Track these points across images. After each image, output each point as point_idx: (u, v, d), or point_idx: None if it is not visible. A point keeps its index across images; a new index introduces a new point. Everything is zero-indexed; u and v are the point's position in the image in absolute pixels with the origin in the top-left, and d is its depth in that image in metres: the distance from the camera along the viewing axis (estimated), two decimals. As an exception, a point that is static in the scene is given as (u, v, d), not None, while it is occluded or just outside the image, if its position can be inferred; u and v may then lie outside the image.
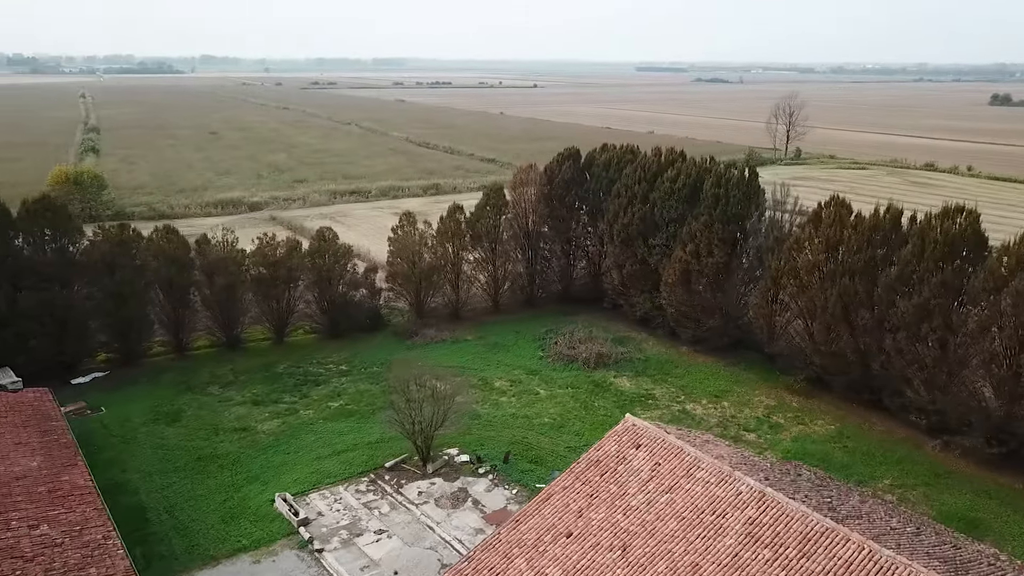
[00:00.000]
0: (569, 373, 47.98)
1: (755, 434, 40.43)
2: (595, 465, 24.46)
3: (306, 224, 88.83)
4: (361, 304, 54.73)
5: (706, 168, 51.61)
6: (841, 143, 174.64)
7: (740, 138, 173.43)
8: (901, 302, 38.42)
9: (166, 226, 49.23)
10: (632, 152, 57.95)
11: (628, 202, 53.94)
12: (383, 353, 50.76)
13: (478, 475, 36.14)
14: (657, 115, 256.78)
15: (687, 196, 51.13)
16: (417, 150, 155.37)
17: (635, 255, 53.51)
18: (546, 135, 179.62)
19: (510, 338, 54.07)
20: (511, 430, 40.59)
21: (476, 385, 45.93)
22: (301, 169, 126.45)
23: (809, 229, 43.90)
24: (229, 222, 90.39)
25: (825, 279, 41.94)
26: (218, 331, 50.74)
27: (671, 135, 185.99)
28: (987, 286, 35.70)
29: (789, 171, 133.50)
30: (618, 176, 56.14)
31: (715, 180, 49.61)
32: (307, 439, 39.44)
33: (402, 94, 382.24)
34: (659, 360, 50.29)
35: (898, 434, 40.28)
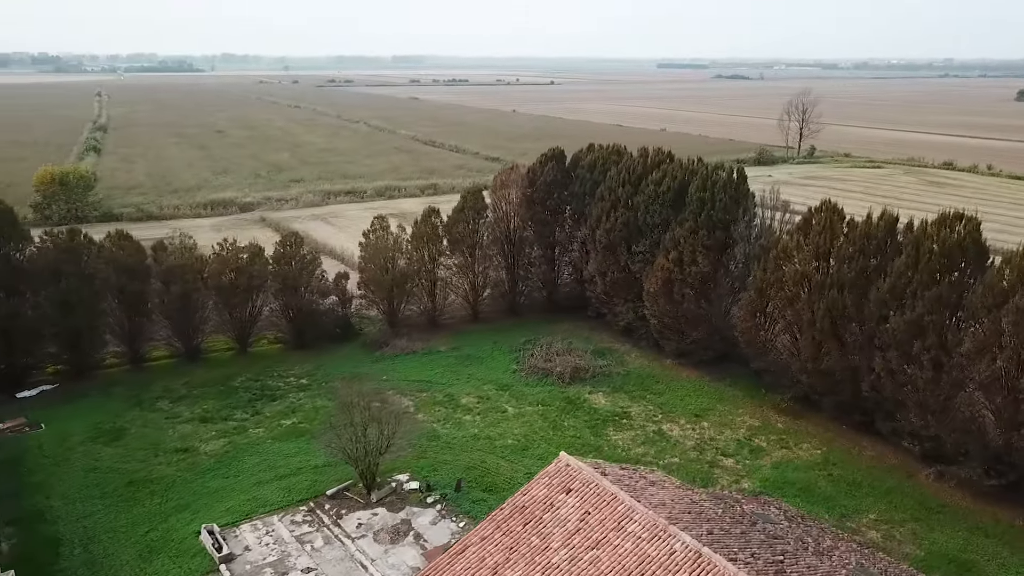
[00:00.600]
0: (542, 388, 45.08)
1: (733, 459, 37.31)
2: (519, 512, 21.60)
3: (295, 225, 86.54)
4: (331, 312, 52.18)
5: (692, 170, 48.46)
6: (858, 141, 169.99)
7: (754, 136, 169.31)
8: (893, 318, 35.17)
9: (119, 231, 46.88)
10: (618, 153, 54.88)
11: (611, 206, 50.91)
12: (348, 366, 48.12)
13: (426, 505, 33.37)
14: (672, 112, 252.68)
15: (672, 200, 48.02)
16: (422, 149, 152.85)
17: (618, 262, 50.50)
18: (555, 133, 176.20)
19: (486, 349, 51.25)
20: (470, 453, 37.78)
21: (440, 402, 43.20)
22: (301, 169, 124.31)
23: (797, 237, 40.69)
24: (217, 223, 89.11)
25: (813, 291, 38.75)
26: (176, 341, 48.35)
27: (683, 133, 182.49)
28: (986, 302, 32.39)
29: (801, 170, 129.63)
30: (603, 178, 53.14)
31: (700, 183, 46.48)
32: (250, 462, 36.86)
33: (417, 91, 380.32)
34: (640, 374, 47.25)
35: (889, 461, 37.00)
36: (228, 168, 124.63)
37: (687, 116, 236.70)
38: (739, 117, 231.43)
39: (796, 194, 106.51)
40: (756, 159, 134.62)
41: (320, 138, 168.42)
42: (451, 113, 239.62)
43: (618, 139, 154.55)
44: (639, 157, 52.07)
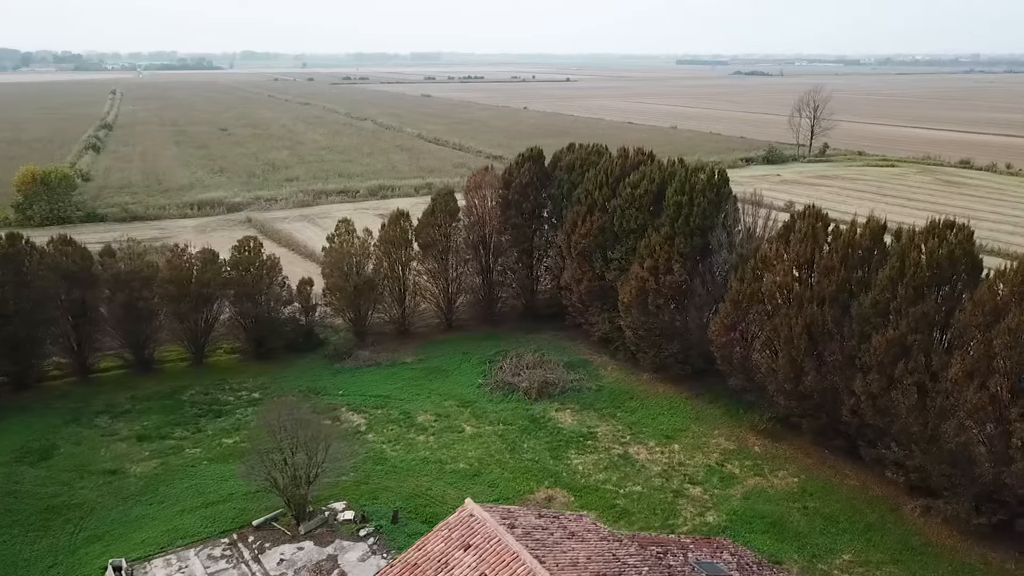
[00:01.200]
0: (507, 405, 42.25)
1: (701, 487, 34.30)
2: (409, 571, 18.81)
3: (280, 226, 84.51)
4: (292, 321, 49.64)
5: (671, 172, 45.37)
6: (874, 138, 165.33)
7: (767, 133, 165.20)
8: (875, 336, 32.00)
9: (62, 236, 44.53)
10: (598, 153, 51.85)
11: (588, 210, 47.94)
12: (305, 379, 45.56)
13: (358, 538, 30.67)
14: (685, 109, 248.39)
15: (649, 204, 44.98)
16: (425, 147, 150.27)
17: (593, 270, 47.54)
18: (562, 131, 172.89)
19: (455, 361, 48.48)
20: (417, 478, 35.04)
21: (395, 420, 40.49)
22: (297, 167, 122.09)
23: (777, 245, 37.53)
24: (203, 224, 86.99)
25: (792, 305, 35.61)
26: (126, 352, 46.00)
27: (694, 130, 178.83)
28: (975, 321, 29.15)
29: (812, 169, 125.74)
30: (581, 180, 50.18)
31: (678, 186, 43.40)
32: (180, 486, 34.35)
33: (431, 89, 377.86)
34: (613, 390, 44.27)
35: (872, 491, 33.83)
36: (225, 167, 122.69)
37: (701, 113, 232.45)
38: (754, 114, 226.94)
39: (804, 194, 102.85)
40: (765, 157, 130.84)
41: (323, 136, 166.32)
42: (461, 110, 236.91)
43: (626, 136, 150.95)
44: (617, 158, 49.05)
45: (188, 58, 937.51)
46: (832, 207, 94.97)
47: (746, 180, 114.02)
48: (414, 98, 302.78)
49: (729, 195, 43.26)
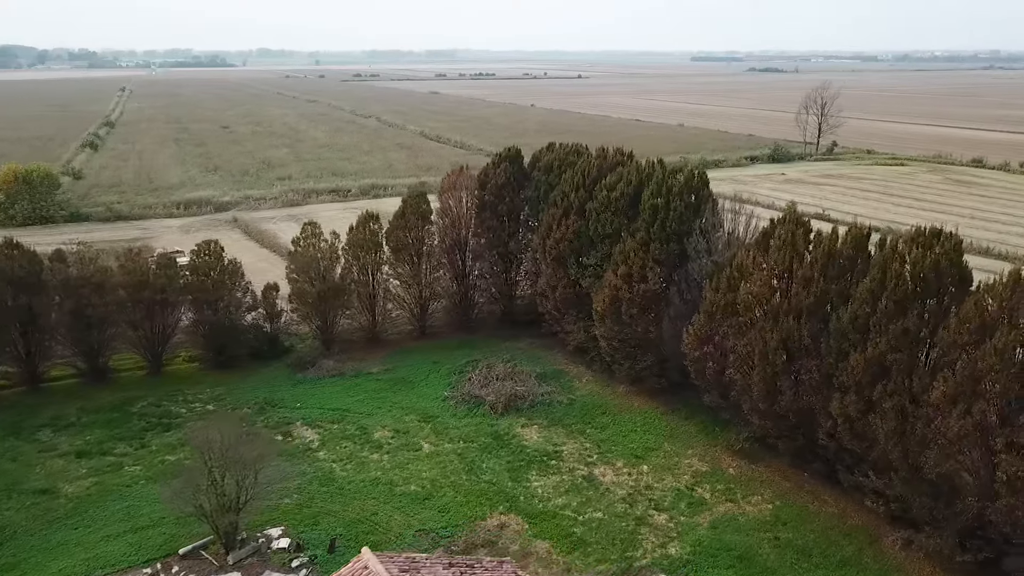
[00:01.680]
0: (471, 420, 39.99)
1: (667, 515, 31.90)
2: (288, 633, 16.57)
3: (267, 226, 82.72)
4: (255, 329, 47.61)
5: (648, 173, 42.91)
6: (885, 136, 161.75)
7: (775, 131, 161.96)
8: (853, 354, 29.48)
9: (8, 240, 42.59)
10: (577, 153, 49.44)
11: (563, 213, 45.58)
12: (264, 390, 43.48)
13: (289, 569, 28.52)
14: (695, 107, 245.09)
15: (625, 208, 42.54)
16: (426, 144, 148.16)
17: (568, 276, 45.17)
18: (565, 128, 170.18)
19: (423, 371, 46.25)
20: (364, 501, 32.84)
21: (350, 436, 38.30)
22: (292, 165, 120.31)
23: (754, 253, 35.02)
24: (187, 224, 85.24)
25: (768, 318, 33.12)
26: (79, 360, 44.10)
27: (702, 128, 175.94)
28: (959, 340, 26.59)
29: (818, 167, 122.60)
30: (558, 181, 47.81)
31: (654, 188, 40.94)
32: (112, 507, 32.31)
33: (441, 86, 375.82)
34: (586, 403, 41.90)
35: (851, 520, 31.32)
36: (220, 165, 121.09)
37: (710, 110, 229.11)
38: (764, 111, 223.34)
39: (808, 194, 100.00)
40: (771, 156, 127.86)
41: (324, 134, 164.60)
42: (466, 108, 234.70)
43: (632, 134, 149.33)
44: (595, 158, 46.63)
45: (202, 56, 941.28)
46: (834, 207, 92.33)
47: (749, 179, 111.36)
48: (422, 95, 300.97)
49: (708, 198, 40.71)
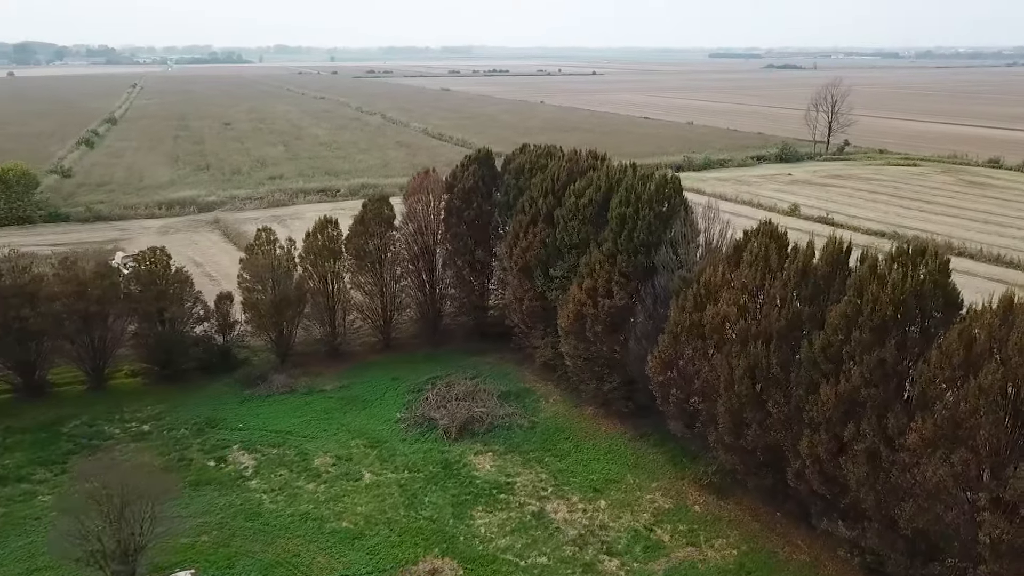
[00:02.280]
0: (421, 446, 37.02)
1: (619, 560, 28.79)
2: None
3: (248, 228, 79.45)
4: (206, 341, 44.90)
5: (617, 179, 39.69)
6: (899, 135, 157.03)
7: (787, 129, 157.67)
8: (824, 387, 26.23)
9: (-66, 248, 40.11)
10: (549, 155, 46.24)
11: (531, 221, 42.48)
12: (207, 408, 40.71)
13: (189, 622, 25.72)
14: (707, 104, 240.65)
15: (593, 216, 39.38)
16: (426, 143, 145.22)
17: (534, 288, 42.08)
18: (571, 126, 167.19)
19: (380, 388, 43.34)
20: (288, 540, 29.96)
21: (289, 462, 35.45)
22: (286, 164, 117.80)
23: (723, 269, 31.77)
24: (168, 225, 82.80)
25: (735, 342, 29.89)
26: (12, 375, 41.55)
27: (711, 126, 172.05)
28: (941, 376, 23.30)
29: (827, 168, 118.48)
30: (528, 186, 44.70)
31: (623, 196, 37.74)
32: (14, 544, 29.65)
33: (453, 83, 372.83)
34: (549, 427, 38.81)
35: (825, 570, 28.06)
36: (213, 163, 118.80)
37: (722, 108, 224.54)
38: (777, 109, 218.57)
39: (813, 196, 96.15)
40: (778, 155, 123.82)
41: (325, 131, 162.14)
42: (474, 105, 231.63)
43: (638, 132, 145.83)
44: (565, 161, 43.44)
45: (219, 52, 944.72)
46: (839, 210, 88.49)
47: (754, 180, 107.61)
48: (432, 92, 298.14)
49: (681, 206, 37.38)
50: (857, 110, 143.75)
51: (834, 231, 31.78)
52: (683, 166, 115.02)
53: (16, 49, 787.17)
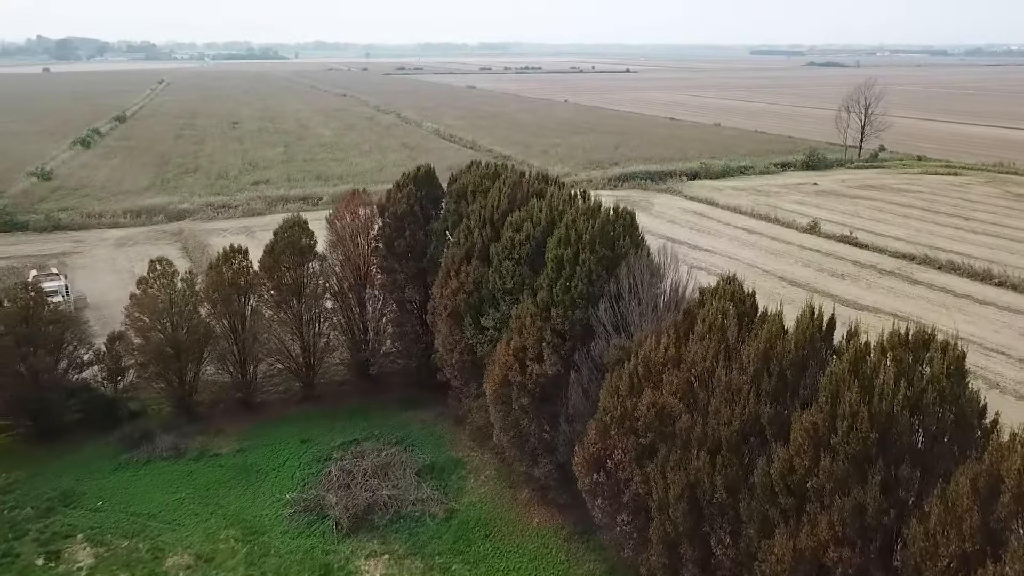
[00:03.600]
0: (304, 542, 29.88)
1: None
2: None
3: (214, 240, 73.53)
4: (86, 391, 38.32)
5: (560, 211, 32.17)
6: (940, 139, 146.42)
7: (819, 132, 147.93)
8: (779, 533, 18.55)
9: None
10: (496, 175, 38.79)
11: (464, 256, 35.14)
12: (70, 476, 34.07)
13: None
14: (739, 104, 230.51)
15: (530, 255, 31.95)
16: (433, 144, 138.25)
17: (464, 339, 34.76)
18: (588, 127, 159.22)
19: (284, 453, 36.34)
20: None
21: (134, 562, 28.58)
22: (278, 167, 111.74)
23: (667, 343, 24.11)
24: (127, 236, 76.79)
25: (675, 446, 22.27)
26: None
27: (738, 128, 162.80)
28: (943, 544, 15.52)
29: (858, 177, 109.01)
30: (468, 213, 37.32)
31: (562, 234, 30.23)
32: None
33: (481, 80, 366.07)
34: (469, 519, 31.43)
35: None
36: (202, 166, 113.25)
37: (753, 108, 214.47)
38: (813, 110, 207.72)
39: (838, 209, 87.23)
40: (805, 162, 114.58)
41: (332, 131, 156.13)
42: (495, 103, 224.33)
43: (659, 133, 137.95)
44: (507, 186, 35.96)
45: (257, 48, 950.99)
46: (866, 227, 79.53)
47: (775, 189, 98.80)
48: (456, 90, 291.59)
49: (631, 248, 29.69)
50: (895, 111, 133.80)
51: (778, 312, 23.93)
52: (699, 173, 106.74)
53: (59, 45, 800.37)
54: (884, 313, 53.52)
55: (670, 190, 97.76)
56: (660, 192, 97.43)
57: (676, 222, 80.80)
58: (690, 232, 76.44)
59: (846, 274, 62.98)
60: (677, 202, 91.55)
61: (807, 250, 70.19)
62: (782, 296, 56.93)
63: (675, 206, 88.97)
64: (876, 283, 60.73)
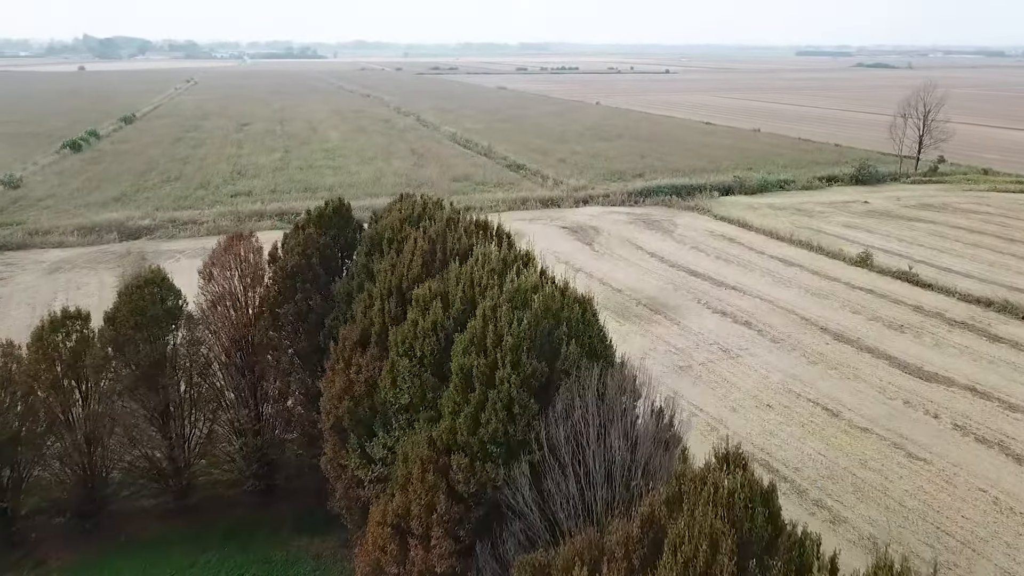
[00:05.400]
0: None
1: None
2: None
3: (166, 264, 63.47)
4: None
5: (487, 284, 21.02)
6: (1008, 149, 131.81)
7: (868, 139, 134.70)
8: None
9: None
10: (428, 217, 27.69)
11: (359, 340, 24.25)
12: None
13: None
14: (780, 108, 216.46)
15: (436, 356, 20.87)
16: (444, 151, 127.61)
17: (350, 461, 23.80)
18: (615, 133, 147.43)
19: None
20: None
21: None
22: (267, 176, 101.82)
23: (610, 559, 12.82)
24: (63, 260, 67.14)
25: None
26: None
27: (780, 134, 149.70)
28: None
29: (915, 194, 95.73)
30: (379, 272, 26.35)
31: (475, 333, 19.14)
32: None
33: (514, 80, 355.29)
34: None
35: None
36: (186, 173, 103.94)
37: (796, 112, 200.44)
38: (860, 114, 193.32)
39: (894, 235, 74.39)
40: (855, 176, 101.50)
41: (340, 134, 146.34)
42: (522, 105, 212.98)
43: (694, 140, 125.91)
44: (426, 239, 24.88)
45: (296, 48, 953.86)
46: (928, 259, 66.62)
47: (819, 208, 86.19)
48: (486, 90, 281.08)
49: (581, 362, 18.40)
50: (955, 117, 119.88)
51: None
52: (733, 187, 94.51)
53: (102, 44, 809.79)
54: (958, 387, 41.50)
55: (698, 208, 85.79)
56: (686, 210, 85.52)
57: (700, 249, 68.99)
58: (716, 263, 64.63)
59: (906, 325, 50.75)
60: (704, 223, 79.57)
61: (857, 290, 57.95)
62: (825, 356, 45.10)
63: (701, 228, 77.06)
64: (945, 339, 48.45)
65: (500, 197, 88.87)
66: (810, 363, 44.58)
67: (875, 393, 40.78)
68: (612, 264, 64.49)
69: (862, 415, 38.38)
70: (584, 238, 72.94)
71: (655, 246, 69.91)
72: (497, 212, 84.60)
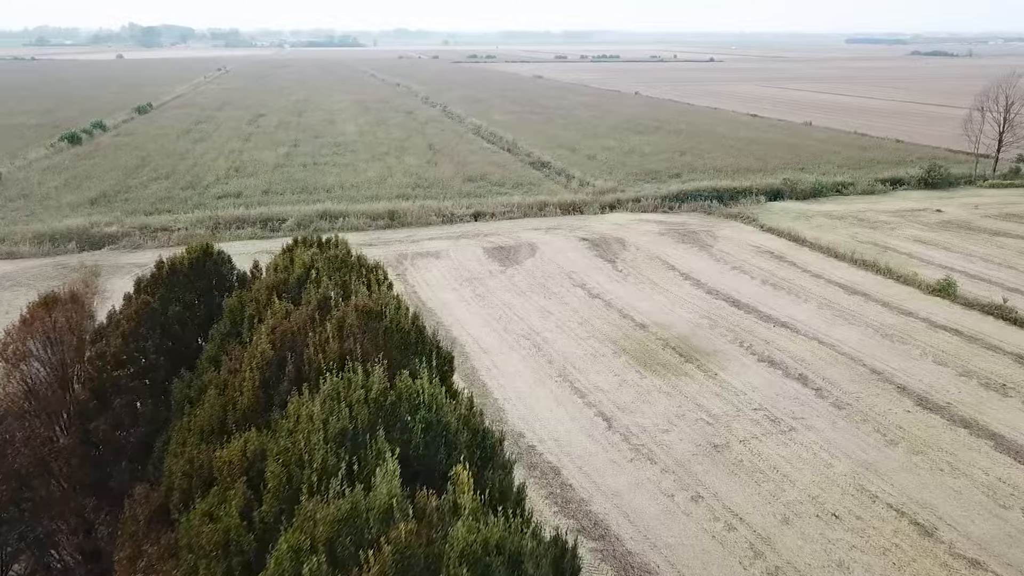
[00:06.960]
0: None
1: None
2: None
3: (115, 284, 55.06)
4: None
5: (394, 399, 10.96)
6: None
7: (937, 136, 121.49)
8: None
9: None
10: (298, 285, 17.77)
11: (155, 515, 14.34)
12: None
13: None
14: (834, 98, 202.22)
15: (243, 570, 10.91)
16: (464, 146, 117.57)
17: None
18: (653, 126, 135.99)
19: None
20: None
21: None
22: (263, 175, 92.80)
23: None
24: (9, 273, 58.92)
25: None
26: None
27: (834, 128, 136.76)
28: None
29: (995, 200, 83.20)
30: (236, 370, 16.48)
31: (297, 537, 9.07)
32: None
33: (553, 69, 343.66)
34: None
35: None
36: (178, 170, 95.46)
37: (851, 103, 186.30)
38: (923, 106, 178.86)
39: (978, 254, 62.14)
40: (923, 179, 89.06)
41: (357, 127, 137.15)
42: (556, 95, 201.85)
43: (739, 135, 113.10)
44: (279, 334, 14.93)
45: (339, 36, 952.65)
46: (1019, 287, 55.48)
47: (883, 218, 74.33)
48: (521, 79, 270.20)
49: None
50: None
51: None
52: (783, 191, 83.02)
53: (144, 32, 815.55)
54: (1096, 489, 30.36)
55: (741, 216, 74.63)
56: (728, 219, 74.42)
57: (744, 270, 58.07)
58: (762, 289, 53.76)
59: (1010, 385, 39.51)
60: (749, 236, 68.44)
61: (939, 330, 46.74)
62: (907, 433, 34.19)
63: (746, 243, 65.96)
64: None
65: (516, 201, 78.60)
66: (888, 443, 33.75)
67: (982, 497, 29.91)
68: (637, 289, 53.99)
69: (968, 536, 27.60)
70: (606, 253, 62.42)
71: (690, 265, 59.12)
72: (511, 219, 74.60)
